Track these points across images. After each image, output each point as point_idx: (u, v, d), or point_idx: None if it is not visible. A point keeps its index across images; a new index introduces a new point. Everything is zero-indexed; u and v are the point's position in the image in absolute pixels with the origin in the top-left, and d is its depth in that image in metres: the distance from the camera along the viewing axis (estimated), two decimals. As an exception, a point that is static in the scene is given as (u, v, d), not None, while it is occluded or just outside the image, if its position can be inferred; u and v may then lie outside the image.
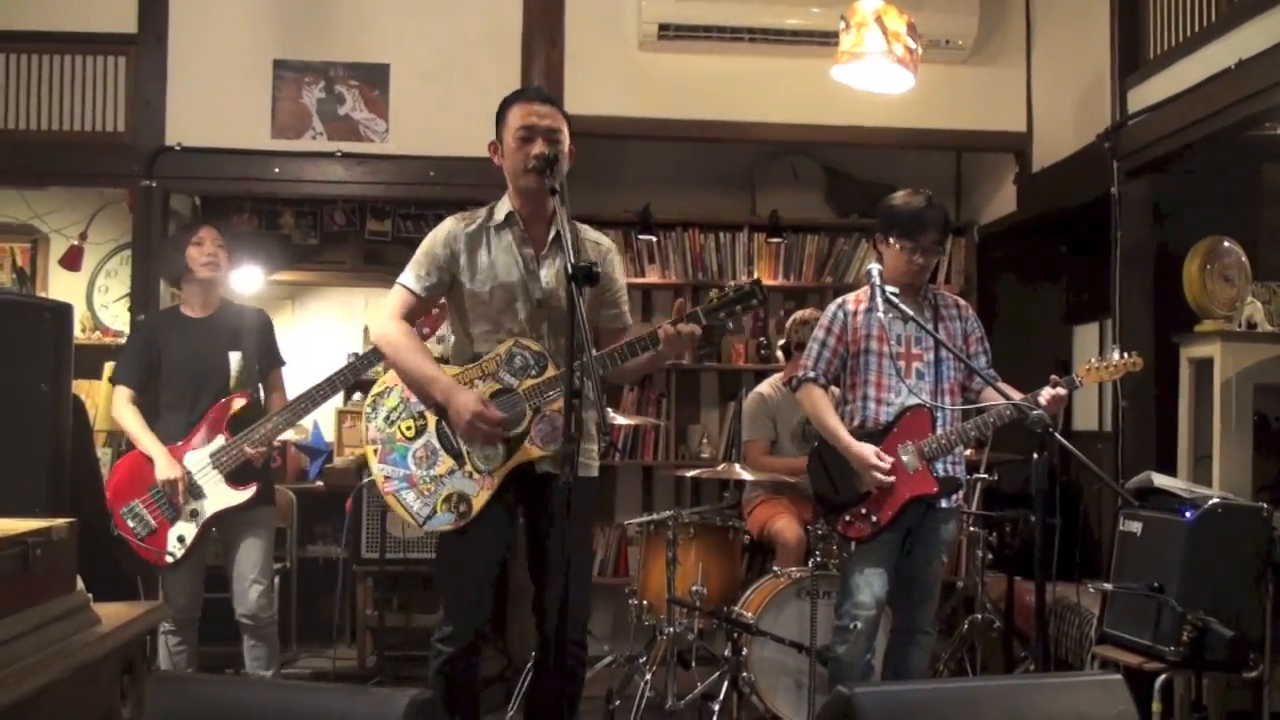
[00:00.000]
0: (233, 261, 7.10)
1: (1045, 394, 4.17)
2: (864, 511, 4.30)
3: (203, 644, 4.86)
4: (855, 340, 4.40)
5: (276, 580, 6.46)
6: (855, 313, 4.42)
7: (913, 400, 4.34)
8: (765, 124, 6.41)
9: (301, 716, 2.37)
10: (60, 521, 1.74)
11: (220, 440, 4.61)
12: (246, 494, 4.61)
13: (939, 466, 4.34)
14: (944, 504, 4.39)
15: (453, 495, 3.62)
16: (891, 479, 4.23)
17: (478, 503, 3.61)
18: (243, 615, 4.73)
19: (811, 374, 4.42)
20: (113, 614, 1.83)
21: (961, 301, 4.61)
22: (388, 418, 3.72)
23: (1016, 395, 4.33)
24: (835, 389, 4.52)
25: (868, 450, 4.24)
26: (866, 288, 4.47)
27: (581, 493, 3.52)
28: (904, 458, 4.28)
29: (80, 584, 1.85)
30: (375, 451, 3.71)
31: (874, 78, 5.30)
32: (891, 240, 4.37)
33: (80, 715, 1.68)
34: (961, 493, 4.57)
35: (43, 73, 5.98)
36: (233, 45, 6.09)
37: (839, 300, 4.51)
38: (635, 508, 7.11)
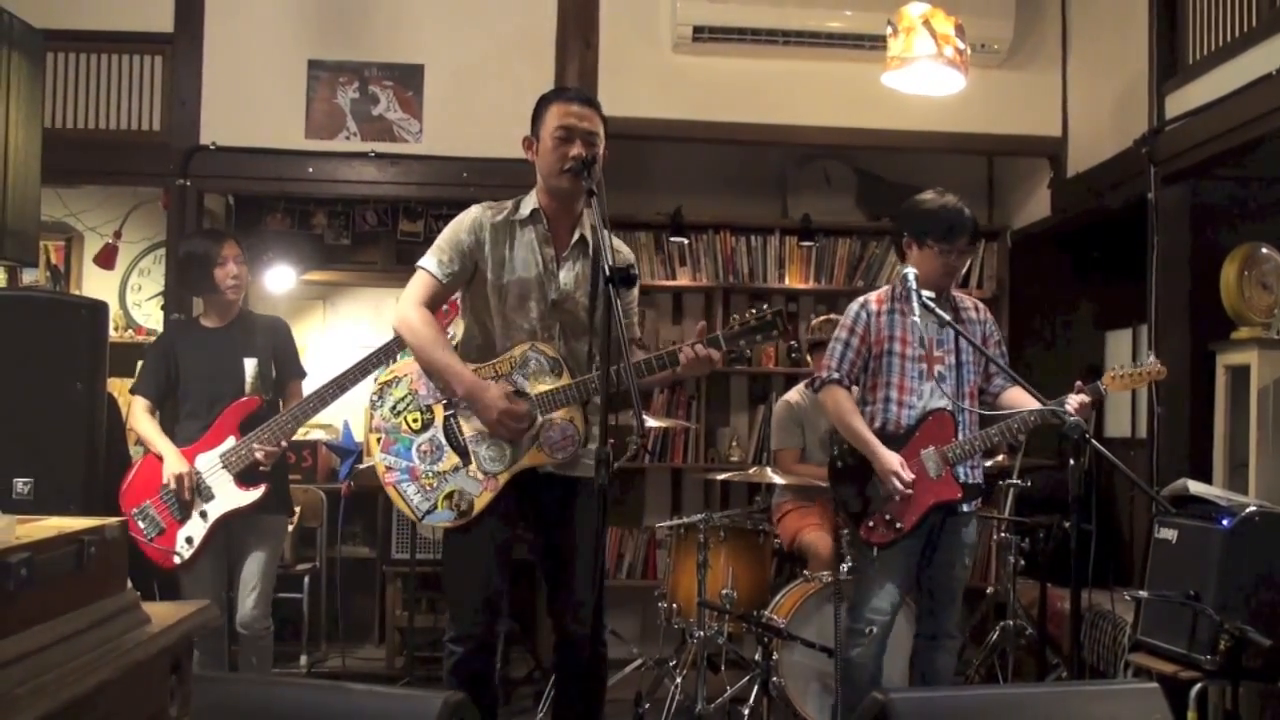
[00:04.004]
0: (266, 261, 7.18)
1: (1073, 401, 4.14)
2: (888, 518, 4.27)
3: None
4: (879, 341, 4.36)
5: (313, 579, 6.54)
6: (878, 313, 4.38)
7: (935, 404, 4.32)
8: (798, 127, 6.40)
9: (337, 716, 2.38)
10: (113, 520, 1.75)
11: (230, 441, 4.60)
12: (254, 495, 4.59)
13: (960, 471, 4.32)
14: (965, 508, 4.37)
15: (454, 493, 3.61)
16: (909, 491, 4.22)
17: (479, 503, 3.60)
18: (239, 624, 4.72)
19: (836, 375, 4.37)
20: (161, 613, 1.83)
21: (980, 304, 4.58)
22: (394, 408, 3.69)
23: (1036, 403, 4.32)
24: (854, 389, 4.49)
25: (894, 459, 4.22)
26: (887, 287, 4.46)
27: (588, 495, 3.52)
28: (927, 463, 4.26)
29: (130, 583, 1.86)
30: (379, 440, 3.70)
31: (924, 81, 5.27)
32: (929, 243, 4.33)
33: (132, 714, 1.69)
34: (980, 498, 4.54)
35: (79, 71, 6.01)
36: (268, 45, 6.12)
37: (860, 300, 4.46)
38: (664, 511, 7.11)
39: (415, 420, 3.68)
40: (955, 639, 4.45)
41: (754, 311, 3.55)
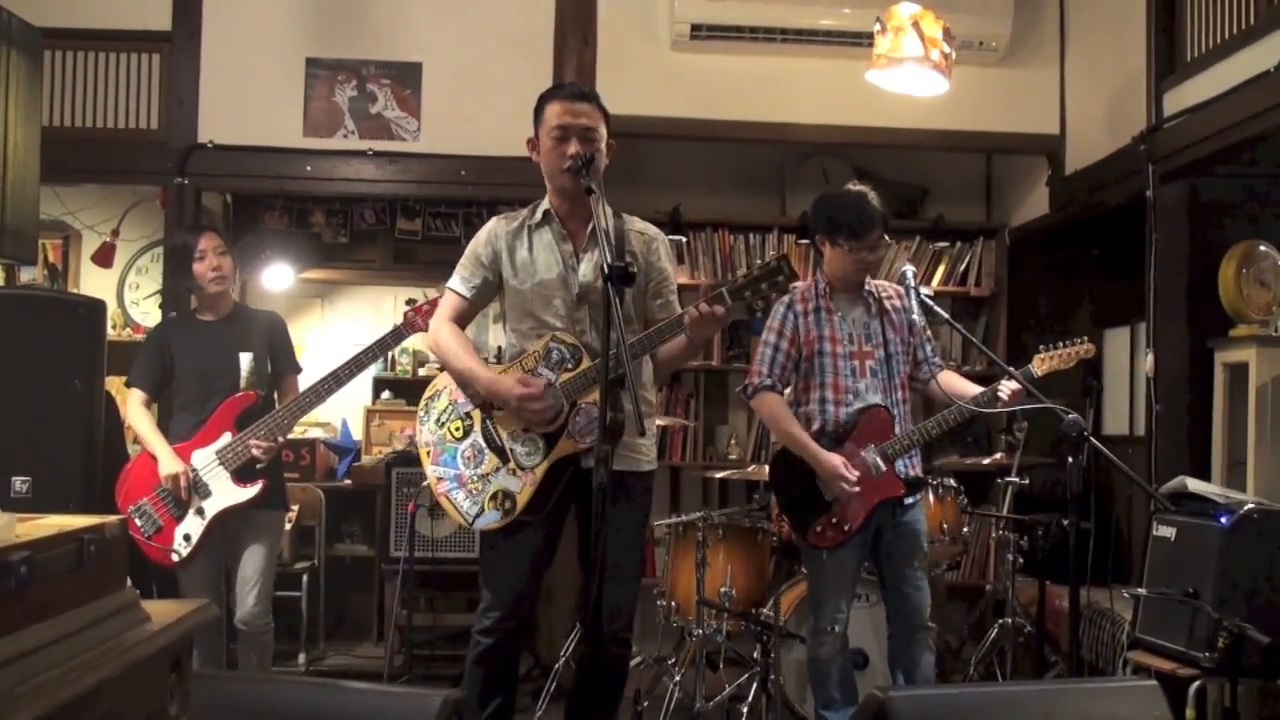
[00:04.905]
0: (264, 260, 7.18)
1: (1006, 388, 4.16)
2: (834, 520, 4.26)
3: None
4: (808, 342, 4.33)
5: (311, 577, 6.53)
6: (805, 313, 4.35)
7: (870, 400, 4.31)
8: (797, 125, 6.39)
9: (337, 714, 2.38)
10: (113, 519, 1.75)
11: (226, 437, 4.60)
12: (252, 491, 4.59)
13: (899, 466, 4.31)
14: (908, 501, 4.37)
15: (498, 493, 3.65)
16: (857, 489, 4.21)
17: (521, 498, 3.63)
18: (238, 620, 4.72)
19: (768, 381, 4.33)
20: (161, 612, 1.83)
21: (900, 290, 4.48)
22: (438, 419, 3.77)
23: (973, 388, 4.34)
24: (786, 391, 4.45)
25: (837, 461, 4.20)
26: (809, 283, 4.44)
27: (632, 489, 3.58)
28: (868, 461, 4.25)
29: (129, 581, 1.86)
30: (428, 454, 3.76)
31: (909, 82, 5.28)
32: (839, 241, 4.31)
33: (132, 712, 1.69)
34: (922, 490, 4.55)
35: (77, 69, 6.01)
36: (266, 43, 6.12)
37: (785, 301, 4.40)
38: (663, 509, 7.10)
39: (457, 429, 3.74)
40: (931, 629, 4.43)
41: (760, 262, 3.54)
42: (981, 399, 4.25)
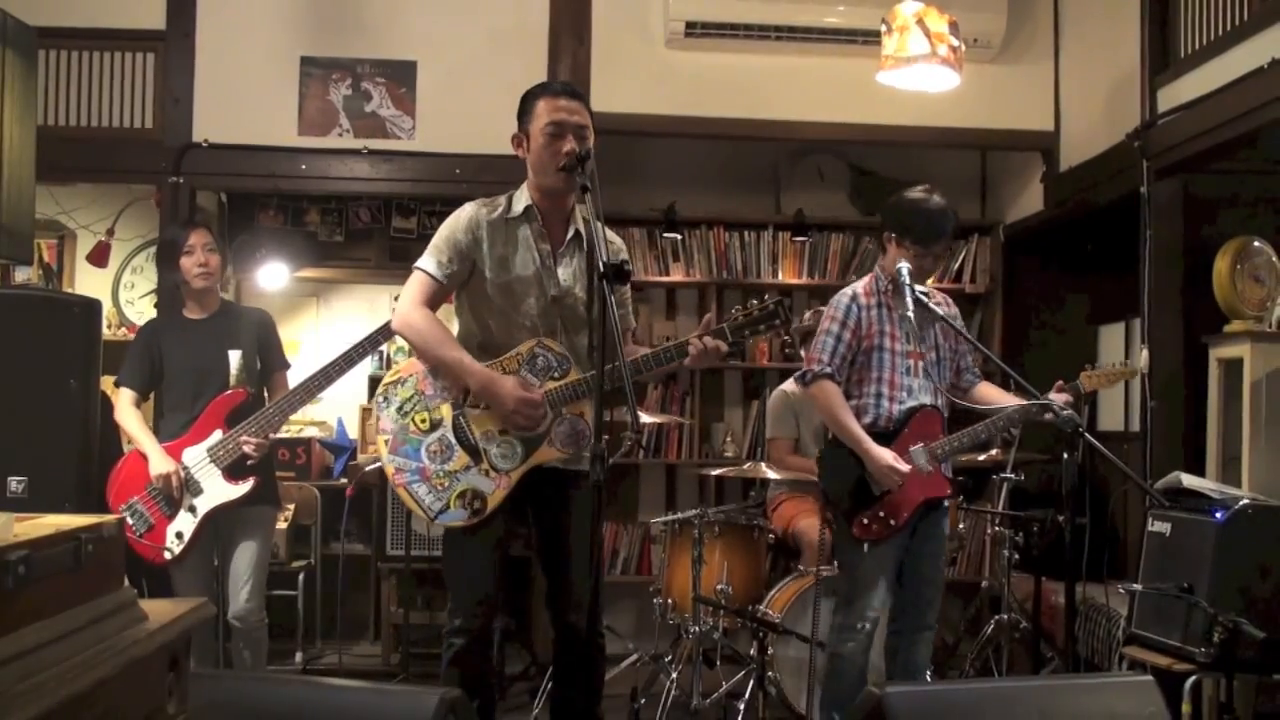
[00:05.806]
0: (259, 259, 7.17)
1: (1059, 400, 4.17)
2: (882, 514, 4.26)
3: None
4: (869, 335, 4.33)
5: (308, 576, 6.53)
6: (868, 306, 4.36)
7: (922, 399, 4.33)
8: (791, 122, 6.40)
9: (334, 713, 2.38)
10: (110, 518, 1.75)
11: (217, 434, 4.59)
12: (244, 488, 4.59)
13: (943, 467, 4.35)
14: (945, 503, 4.41)
15: (467, 492, 3.59)
16: (908, 470, 4.22)
17: (493, 501, 3.59)
18: (232, 616, 4.70)
19: (828, 369, 4.31)
20: (159, 611, 1.83)
21: (947, 297, 4.59)
22: (401, 409, 3.67)
23: (1009, 398, 4.36)
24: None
25: (888, 455, 4.21)
26: (869, 279, 4.44)
27: (588, 490, 3.54)
28: (917, 459, 4.25)
29: (127, 580, 1.86)
30: (387, 442, 3.67)
31: (919, 79, 5.27)
32: (908, 243, 4.32)
33: (130, 711, 1.69)
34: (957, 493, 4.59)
35: (71, 68, 6.01)
36: (260, 42, 6.12)
37: (849, 293, 4.41)
38: (659, 506, 7.12)
39: (423, 421, 3.66)
40: (934, 629, 4.46)
41: (756, 302, 3.56)
42: (1033, 409, 4.24)
